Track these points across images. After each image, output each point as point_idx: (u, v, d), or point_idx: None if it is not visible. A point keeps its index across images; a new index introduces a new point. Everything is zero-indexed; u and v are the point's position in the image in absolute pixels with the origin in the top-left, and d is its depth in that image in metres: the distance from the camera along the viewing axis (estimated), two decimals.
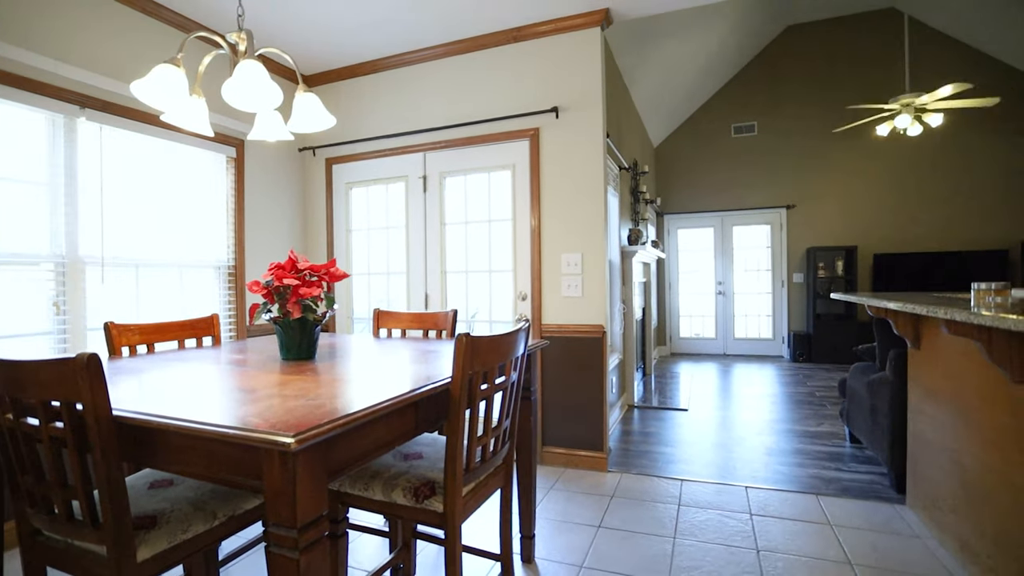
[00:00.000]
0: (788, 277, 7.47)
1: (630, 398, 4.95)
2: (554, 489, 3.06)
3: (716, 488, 3.02)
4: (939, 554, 2.27)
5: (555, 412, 3.45)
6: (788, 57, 7.43)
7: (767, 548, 2.36)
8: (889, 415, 2.89)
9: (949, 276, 6.58)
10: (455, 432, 1.37)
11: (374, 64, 3.97)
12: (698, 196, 7.88)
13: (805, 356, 7.10)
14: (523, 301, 3.51)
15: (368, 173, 4.09)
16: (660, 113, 7.10)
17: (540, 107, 3.45)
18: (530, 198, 3.49)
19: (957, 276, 6.53)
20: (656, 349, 7.73)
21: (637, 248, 4.79)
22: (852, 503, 2.80)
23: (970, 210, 6.74)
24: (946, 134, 6.72)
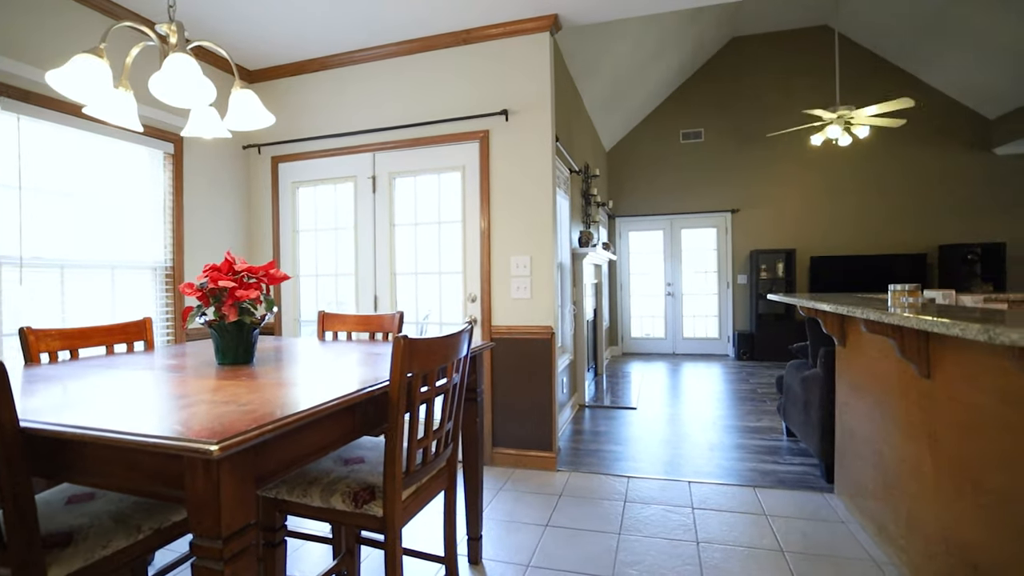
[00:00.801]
0: (733, 278, 7.77)
1: (581, 398, 5.03)
2: (504, 490, 3.08)
3: (661, 484, 3.11)
4: (861, 538, 2.42)
5: (505, 413, 3.46)
6: (733, 67, 7.74)
7: (706, 540, 2.45)
8: (819, 409, 3.06)
9: (877, 277, 7.01)
10: (394, 435, 1.36)
11: (322, 61, 3.88)
12: (648, 199, 8.09)
13: (748, 354, 7.40)
14: (473, 303, 3.52)
15: (316, 172, 4.00)
16: (612, 117, 7.26)
17: (490, 109, 3.47)
18: (480, 200, 3.50)
19: (884, 277, 6.97)
20: (608, 349, 7.89)
21: (588, 250, 4.88)
22: (786, 494, 2.94)
23: (895, 216, 7.20)
24: (873, 146, 7.16)
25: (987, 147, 6.91)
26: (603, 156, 7.89)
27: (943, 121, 7.03)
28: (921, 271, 6.98)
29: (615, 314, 8.28)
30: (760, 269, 7.35)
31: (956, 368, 1.72)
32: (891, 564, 2.20)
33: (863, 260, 7.14)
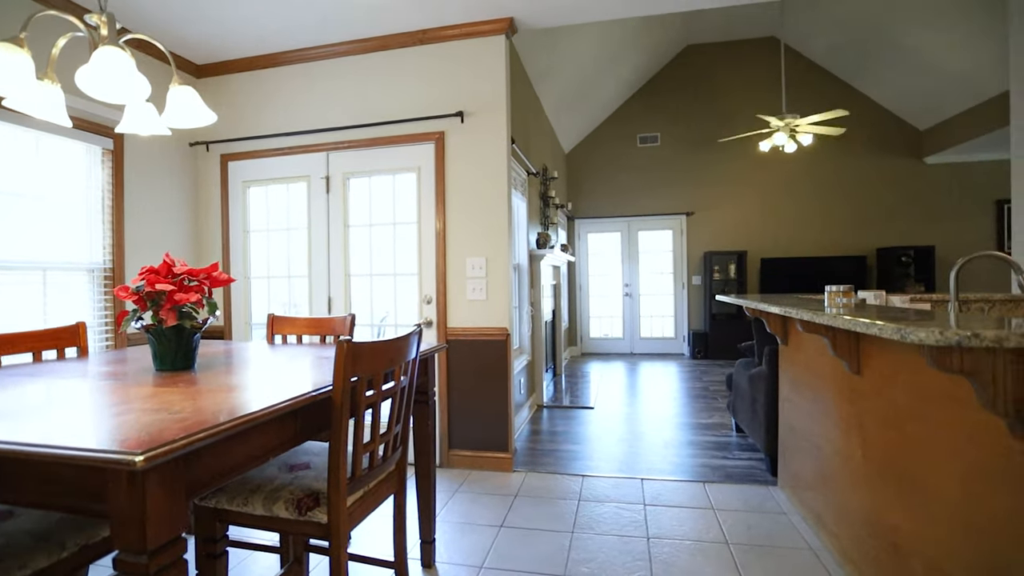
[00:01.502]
0: (688, 279, 7.99)
1: (539, 398, 5.07)
2: (460, 492, 3.07)
3: (615, 482, 3.17)
4: (801, 527, 2.53)
5: (461, 415, 3.46)
6: (687, 74, 7.96)
7: (656, 535, 2.51)
8: (764, 406, 3.18)
9: (822, 278, 7.34)
10: (338, 440, 1.34)
11: (276, 57, 3.79)
12: (607, 201, 8.23)
13: (703, 353, 7.62)
14: (428, 304, 3.50)
15: (268, 172, 3.89)
16: (570, 120, 7.35)
17: (446, 111, 3.46)
18: (435, 201, 3.48)
19: (828, 278, 7.30)
20: (567, 350, 7.97)
21: (545, 252, 4.92)
22: (733, 488, 3.04)
23: (837, 220, 7.56)
24: (817, 153, 7.50)
25: (919, 156, 7.34)
26: (562, 158, 7.97)
27: (879, 131, 7.43)
28: (862, 272, 7.35)
29: (574, 315, 8.38)
30: (713, 270, 7.59)
31: (881, 365, 1.82)
32: (826, 550, 2.31)
33: (809, 261, 7.46)
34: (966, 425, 1.39)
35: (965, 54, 5.40)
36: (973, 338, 1.05)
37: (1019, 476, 1.22)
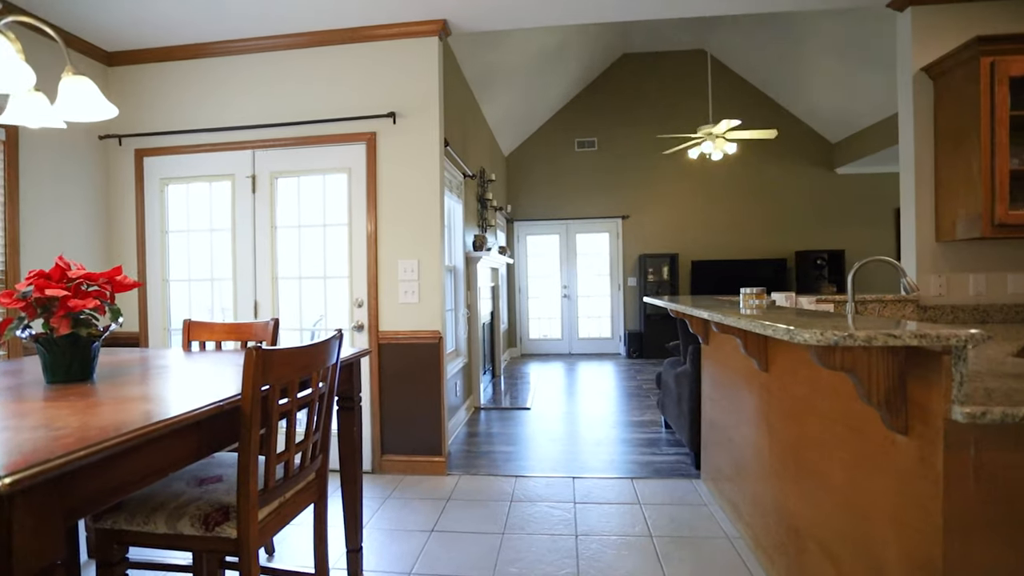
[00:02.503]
0: (624, 281, 8.23)
1: (476, 400, 5.07)
2: (391, 498, 3.03)
3: (547, 481, 3.22)
4: (719, 517, 2.66)
5: (394, 420, 3.41)
6: (623, 81, 8.20)
7: (585, 532, 2.57)
8: (689, 402, 3.33)
9: (747, 280, 7.75)
10: (247, 451, 1.29)
11: (197, 48, 3.59)
12: (546, 204, 8.34)
13: (638, 353, 7.87)
14: (360, 308, 3.43)
15: (189, 169, 3.68)
16: (509, 124, 7.40)
17: (378, 111, 3.40)
18: (367, 203, 3.41)
19: (753, 280, 7.72)
20: (507, 351, 8.02)
21: (482, 254, 4.94)
22: (660, 483, 3.16)
23: (760, 225, 8.02)
24: (742, 161, 7.93)
25: (831, 167, 7.91)
26: (502, 161, 8.02)
27: (797, 143, 7.95)
28: (783, 274, 7.83)
29: (513, 316, 8.44)
30: (648, 272, 7.86)
31: (784, 363, 1.95)
32: (741, 539, 2.44)
33: (736, 264, 7.87)
34: (849, 417, 1.52)
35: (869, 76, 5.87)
36: (848, 338, 1.14)
37: (891, 461, 1.35)
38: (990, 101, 2.66)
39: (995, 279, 3.03)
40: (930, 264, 3.07)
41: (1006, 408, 1.11)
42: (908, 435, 1.28)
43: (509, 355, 8.16)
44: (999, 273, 3.03)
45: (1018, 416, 1.11)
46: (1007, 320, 3.00)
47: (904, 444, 1.29)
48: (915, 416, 1.25)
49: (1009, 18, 3.01)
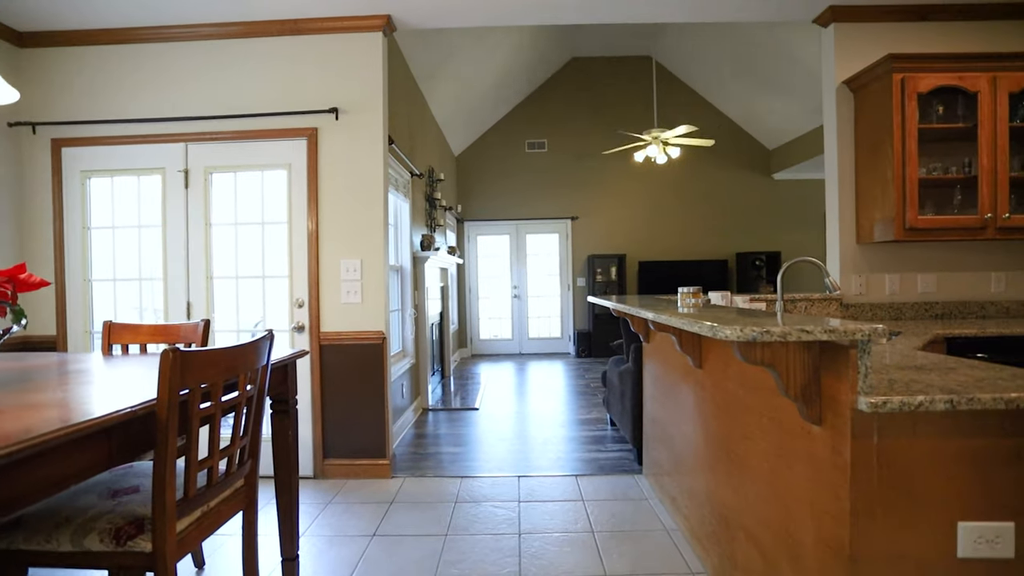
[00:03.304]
0: (573, 281, 8.35)
1: (424, 401, 5.02)
2: (333, 503, 2.95)
3: (493, 481, 3.22)
4: (659, 511, 2.74)
5: (336, 423, 3.32)
6: (573, 84, 8.32)
7: (528, 531, 2.58)
8: (631, 399, 3.41)
9: (692, 280, 8.00)
10: (163, 459, 1.23)
11: (125, 33, 3.38)
12: (496, 205, 8.36)
13: (587, 352, 8.00)
14: (300, 308, 3.32)
15: (114, 161, 3.46)
16: (460, 124, 7.37)
17: (319, 106, 3.31)
18: (307, 200, 3.32)
19: (697, 280, 8.00)
20: (457, 352, 7.98)
21: (429, 254, 4.89)
22: (603, 479, 3.22)
23: (704, 227, 8.32)
24: (686, 164, 8.20)
25: (768, 172, 8.30)
26: (452, 161, 7.97)
27: (737, 149, 8.30)
28: (724, 275, 8.15)
29: (464, 317, 8.41)
30: (596, 272, 8.00)
31: (716, 359, 2.03)
32: (678, 530, 2.52)
33: (681, 264, 8.13)
34: (772, 410, 1.59)
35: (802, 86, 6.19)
36: (765, 333, 1.20)
37: (807, 451, 1.42)
38: (901, 114, 2.86)
39: (907, 279, 3.26)
40: (851, 265, 3.27)
41: (904, 397, 1.19)
42: (822, 426, 1.35)
43: (459, 356, 8.12)
44: (911, 273, 3.26)
45: (913, 404, 1.19)
46: (917, 317, 3.23)
47: (818, 434, 1.37)
48: (828, 407, 1.33)
49: (920, 38, 3.24)
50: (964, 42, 3.23)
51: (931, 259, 3.26)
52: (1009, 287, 3.26)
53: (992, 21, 3.25)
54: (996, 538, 1.24)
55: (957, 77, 2.88)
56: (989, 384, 1.31)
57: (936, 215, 3.02)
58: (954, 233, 2.94)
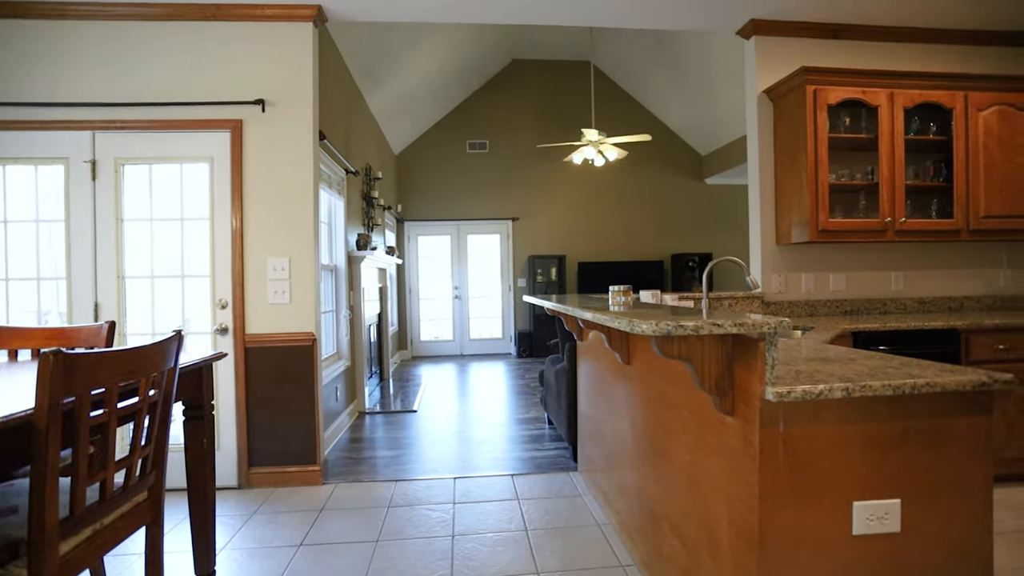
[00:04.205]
0: (514, 282, 8.39)
1: (361, 404, 4.89)
2: (258, 513, 2.81)
3: (428, 484, 3.17)
4: (592, 507, 2.78)
5: (263, 429, 3.17)
6: (514, 86, 8.37)
7: (462, 532, 2.55)
8: (566, 398, 3.45)
9: (630, 280, 8.23)
10: (41, 473, 1.11)
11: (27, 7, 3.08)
12: (437, 205, 8.28)
13: (528, 352, 8.05)
14: (223, 310, 3.15)
15: (4, 148, 3.15)
16: (400, 122, 7.24)
17: (244, 97, 3.15)
18: (231, 196, 3.15)
19: (635, 280, 8.21)
20: (397, 353, 7.83)
21: (366, 253, 4.77)
22: (539, 477, 3.24)
23: (642, 229, 8.57)
24: (624, 167, 8.43)
25: (701, 177, 8.67)
26: (392, 160, 7.82)
27: (672, 153, 8.62)
28: (660, 275, 8.43)
29: (404, 318, 8.26)
30: (537, 273, 8.07)
31: (643, 355, 2.08)
32: (610, 524, 2.57)
33: (620, 265, 8.33)
34: (692, 403, 1.65)
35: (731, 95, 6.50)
36: (679, 327, 1.24)
37: (722, 441, 1.48)
38: (813, 124, 3.06)
39: (821, 278, 3.48)
40: (772, 264, 3.45)
41: (806, 387, 1.26)
42: (734, 416, 1.41)
43: (399, 358, 7.98)
44: (824, 273, 3.48)
45: (815, 393, 1.26)
46: (829, 313, 3.46)
47: (731, 424, 1.42)
48: (740, 399, 1.38)
49: (832, 54, 3.47)
50: (869, 60, 3.49)
51: (841, 259, 3.50)
52: (906, 285, 3.54)
53: (893, 43, 3.53)
54: (885, 515, 1.33)
55: (861, 91, 3.10)
56: (880, 372, 1.40)
57: (844, 218, 3.24)
58: (859, 235, 3.16)
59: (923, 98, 3.15)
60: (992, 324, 2.85)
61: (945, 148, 3.24)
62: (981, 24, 3.49)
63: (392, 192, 7.80)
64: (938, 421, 1.35)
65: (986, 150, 3.19)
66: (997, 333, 2.86)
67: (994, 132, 3.19)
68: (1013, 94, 3.22)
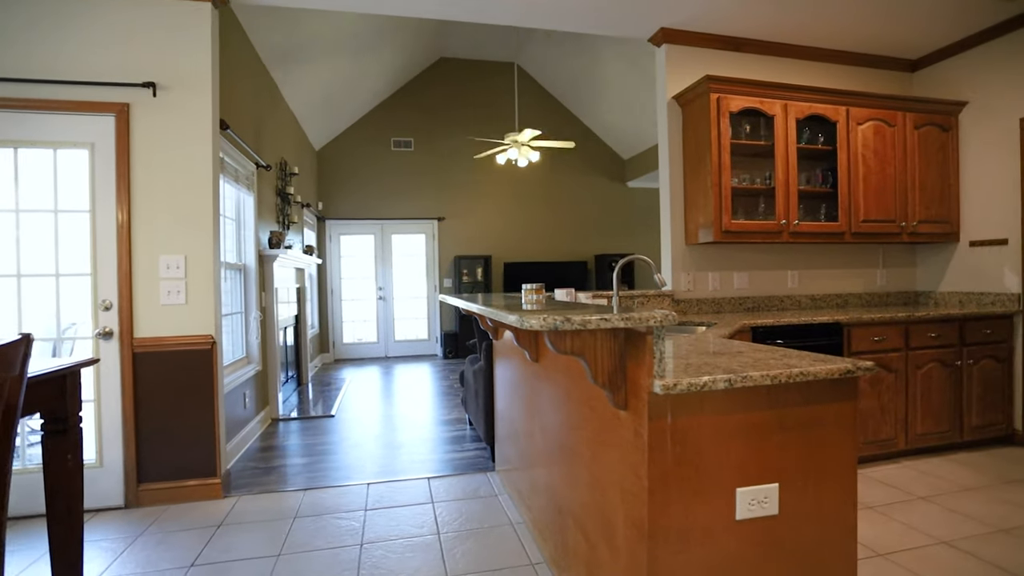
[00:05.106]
0: (440, 282, 8.29)
1: (274, 410, 4.63)
2: (146, 534, 2.57)
3: (340, 491, 3.04)
4: (507, 506, 2.77)
5: (156, 441, 2.91)
6: (441, 84, 8.27)
7: (371, 540, 2.46)
8: (484, 397, 3.43)
9: (555, 280, 8.36)
10: None
11: None
12: (361, 203, 8.02)
13: (453, 353, 7.97)
14: (108, 311, 2.86)
15: None
16: (320, 116, 6.95)
17: (131, 79, 2.89)
18: (117, 187, 2.87)
19: (561, 280, 8.35)
20: (318, 357, 7.52)
21: (278, 252, 4.52)
22: (456, 479, 3.19)
23: (567, 230, 8.73)
24: (547, 170, 8.56)
25: (624, 180, 8.96)
26: (312, 155, 7.50)
27: (596, 157, 8.85)
28: (585, 275, 8.62)
29: (325, 320, 7.95)
30: (463, 273, 8.02)
31: (549, 352, 2.09)
32: (523, 523, 2.57)
33: (545, 265, 8.44)
34: (592, 399, 1.67)
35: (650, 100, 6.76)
36: (566, 322, 1.24)
37: (617, 436, 1.50)
38: (717, 130, 3.22)
39: (726, 277, 3.67)
40: (681, 264, 3.60)
41: (691, 379, 1.30)
42: (627, 410, 1.43)
43: (321, 361, 7.66)
44: (728, 272, 3.68)
45: (699, 385, 1.30)
46: (734, 310, 3.66)
47: (625, 418, 1.45)
48: (631, 393, 1.41)
49: (735, 65, 3.68)
50: (768, 73, 3.73)
51: (744, 259, 3.71)
52: (801, 283, 3.82)
53: (788, 59, 3.79)
54: (765, 499, 1.40)
55: (759, 101, 3.30)
56: (762, 363, 1.48)
57: (746, 220, 3.43)
58: (759, 236, 3.36)
59: (812, 110, 3.41)
60: (869, 318, 3.12)
61: (832, 157, 3.52)
62: (858, 47, 3.82)
63: (312, 189, 7.48)
64: (811, 408, 1.44)
65: (864, 160, 3.49)
66: (873, 326, 3.14)
67: (870, 144, 3.51)
68: (885, 111, 3.55)
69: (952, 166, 3.75)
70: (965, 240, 3.76)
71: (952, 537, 2.37)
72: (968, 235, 3.74)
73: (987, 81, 3.60)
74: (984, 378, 3.37)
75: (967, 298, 3.74)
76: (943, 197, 3.72)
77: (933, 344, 3.25)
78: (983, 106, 3.63)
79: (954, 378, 3.30)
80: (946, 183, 3.73)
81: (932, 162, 3.69)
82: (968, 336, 3.33)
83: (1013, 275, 3.47)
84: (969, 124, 3.72)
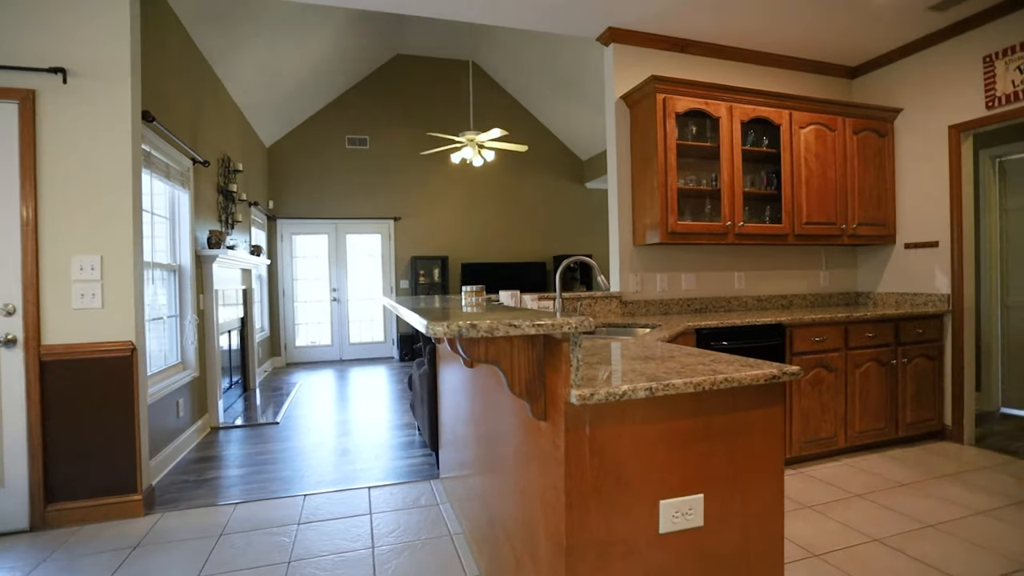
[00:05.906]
0: (396, 283, 8.12)
1: (214, 419, 4.41)
2: (51, 559, 2.37)
3: (272, 505, 2.89)
4: (448, 516, 2.68)
5: (68, 457, 2.70)
6: (396, 82, 8.09)
7: (300, 557, 2.33)
8: (428, 403, 3.32)
9: (513, 281, 8.31)
10: None
11: None
12: (314, 202, 7.78)
13: (410, 356, 7.82)
14: (10, 317, 2.63)
15: None
16: (270, 112, 6.69)
17: (37, 63, 2.67)
18: (21, 182, 2.65)
19: (519, 281, 8.31)
20: (269, 361, 7.25)
21: (218, 252, 4.30)
22: (398, 488, 3.08)
23: (525, 231, 8.69)
24: (505, 169, 8.49)
25: (581, 181, 8.97)
26: (262, 153, 7.23)
27: (554, 158, 8.83)
28: (543, 276, 8.59)
29: (276, 322, 7.67)
30: (419, 274, 7.87)
31: None
32: (462, 534, 2.48)
33: (503, 266, 8.37)
34: (517, 408, 1.60)
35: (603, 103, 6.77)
36: (471, 328, 1.16)
37: (538, 447, 1.43)
38: (663, 130, 3.21)
39: (674, 278, 3.68)
40: (629, 264, 3.58)
41: (608, 388, 1.24)
42: (547, 421, 1.37)
43: (271, 365, 7.39)
44: (676, 273, 3.68)
45: (618, 394, 1.25)
46: (682, 311, 3.66)
47: (545, 429, 1.38)
48: (550, 403, 1.34)
49: (681, 66, 3.69)
50: (713, 75, 3.75)
51: (691, 260, 3.72)
52: (748, 284, 3.86)
53: (733, 62, 3.83)
54: (689, 511, 1.35)
55: (705, 103, 3.31)
56: (689, 370, 1.44)
57: (692, 221, 3.44)
58: (705, 237, 3.37)
59: (757, 113, 3.44)
60: (810, 319, 3.16)
61: (776, 160, 3.57)
62: (801, 53, 3.89)
63: (263, 188, 7.21)
64: (738, 415, 1.41)
65: (806, 163, 3.55)
66: (814, 327, 3.19)
67: (812, 148, 3.57)
68: (826, 116, 3.62)
69: (888, 171, 3.85)
70: (901, 242, 3.88)
71: (884, 534, 2.40)
72: (904, 237, 3.86)
73: (920, 89, 3.71)
74: (917, 376, 3.47)
75: (903, 298, 3.85)
76: (880, 200, 3.83)
77: (871, 344, 3.32)
78: (916, 113, 3.75)
79: (890, 376, 3.39)
80: (883, 187, 3.84)
81: (870, 166, 3.78)
82: (903, 335, 3.42)
83: (943, 276, 3.59)
84: (904, 130, 3.83)
